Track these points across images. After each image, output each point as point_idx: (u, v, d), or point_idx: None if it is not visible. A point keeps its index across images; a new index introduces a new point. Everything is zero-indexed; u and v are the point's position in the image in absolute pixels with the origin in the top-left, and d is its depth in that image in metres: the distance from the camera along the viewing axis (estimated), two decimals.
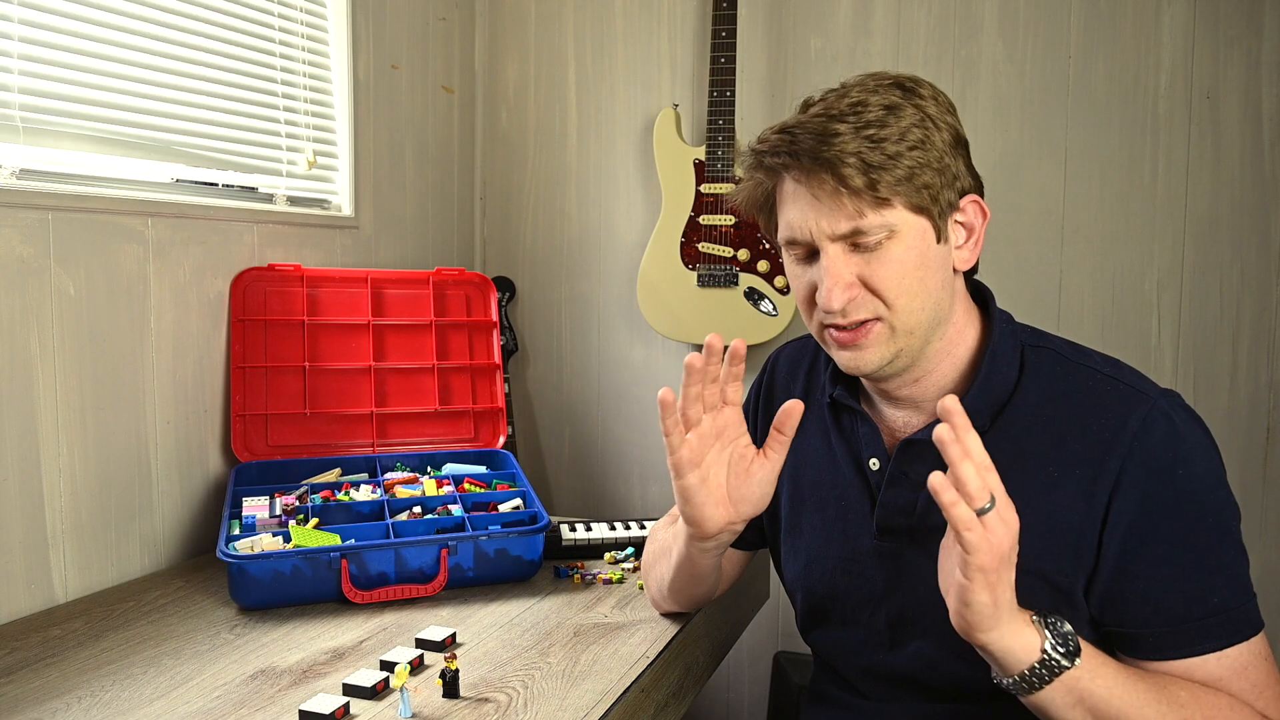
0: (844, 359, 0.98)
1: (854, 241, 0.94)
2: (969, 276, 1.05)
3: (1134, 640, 0.92)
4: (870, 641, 1.05)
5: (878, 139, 0.91)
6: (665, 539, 1.20)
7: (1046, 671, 0.84)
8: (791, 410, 0.96)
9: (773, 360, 1.22)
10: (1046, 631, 0.85)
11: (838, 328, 0.97)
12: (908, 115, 0.93)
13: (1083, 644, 0.86)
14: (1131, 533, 0.91)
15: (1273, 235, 1.80)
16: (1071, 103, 1.90)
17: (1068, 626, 0.86)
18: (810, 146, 0.92)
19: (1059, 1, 1.89)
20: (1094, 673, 0.85)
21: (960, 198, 0.97)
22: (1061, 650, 0.84)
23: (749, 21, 2.06)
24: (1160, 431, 0.92)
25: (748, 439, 1.02)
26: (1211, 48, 1.81)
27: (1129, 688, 0.86)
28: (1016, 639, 0.84)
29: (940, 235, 0.96)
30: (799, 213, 0.95)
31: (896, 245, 0.93)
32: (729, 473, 1.01)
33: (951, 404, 0.81)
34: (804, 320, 1.03)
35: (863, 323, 0.95)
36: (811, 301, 0.99)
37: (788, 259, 1.02)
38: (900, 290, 0.94)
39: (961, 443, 0.81)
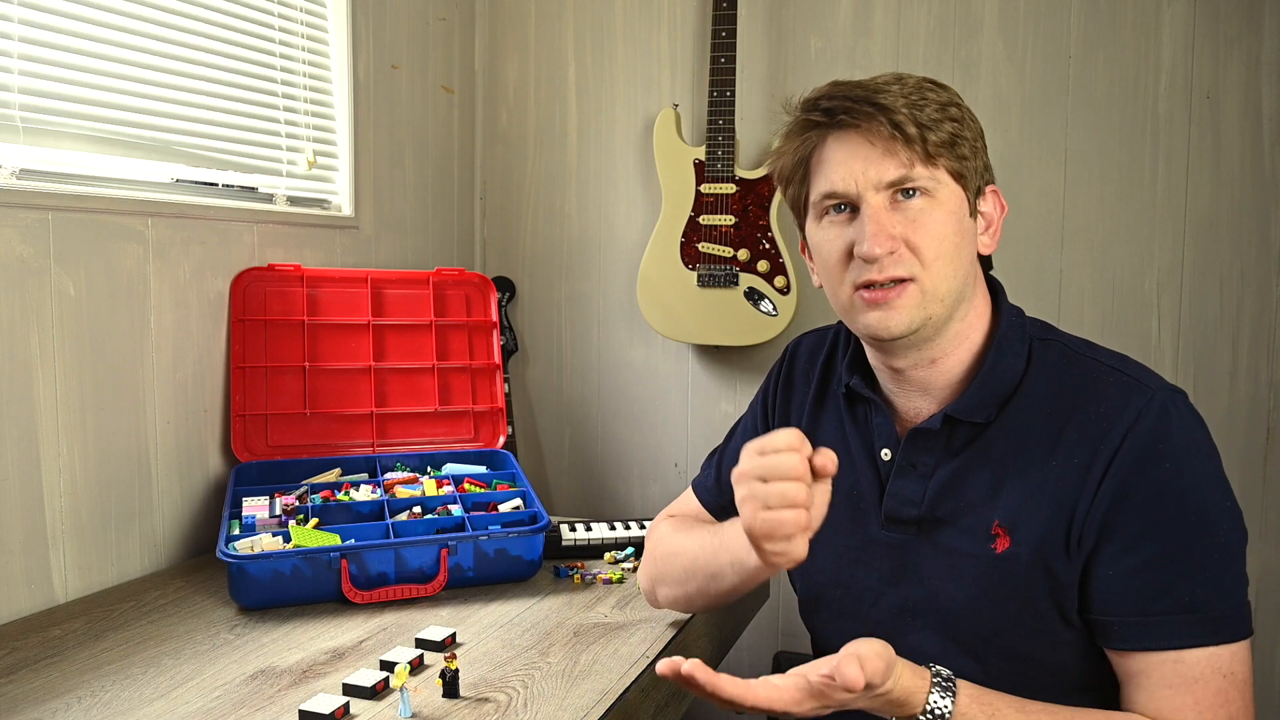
0: (873, 319, 0.96)
1: (900, 189, 0.95)
2: (985, 271, 1.06)
3: (1103, 627, 0.93)
4: (870, 633, 1.05)
5: (921, 104, 0.94)
6: (692, 551, 1.13)
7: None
8: (831, 458, 0.89)
9: (792, 348, 1.22)
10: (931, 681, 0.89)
11: (870, 287, 0.96)
12: (945, 95, 0.97)
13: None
14: (1107, 518, 0.91)
15: (1273, 235, 1.80)
16: (1071, 103, 1.90)
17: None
18: (865, 95, 0.94)
19: (1059, 1, 1.89)
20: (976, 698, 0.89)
21: (985, 185, 1.01)
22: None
23: (749, 21, 2.06)
24: (1153, 424, 0.91)
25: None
26: (1211, 48, 1.81)
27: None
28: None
29: (971, 210, 0.99)
30: (845, 164, 0.96)
31: (937, 209, 0.95)
32: None
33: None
34: (832, 289, 1.00)
35: (896, 283, 0.95)
36: (844, 262, 0.97)
37: (818, 225, 1.00)
38: (939, 252, 0.95)
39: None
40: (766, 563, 0.91)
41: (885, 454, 1.04)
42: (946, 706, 0.87)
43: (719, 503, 1.22)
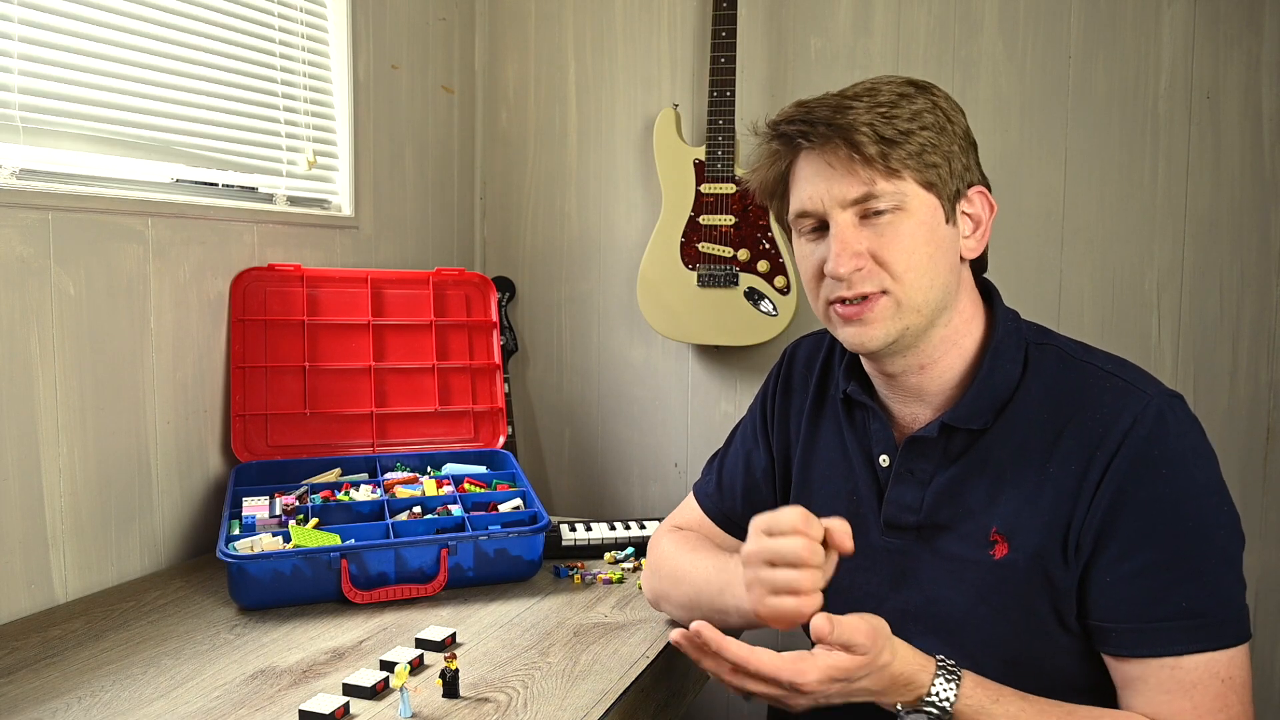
0: (849, 334, 0.97)
1: (865, 209, 0.95)
2: (977, 274, 1.05)
3: (1102, 634, 0.93)
4: None
5: (890, 115, 0.94)
6: (698, 582, 1.13)
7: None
8: (845, 534, 0.91)
9: (790, 352, 1.22)
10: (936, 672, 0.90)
11: (843, 302, 0.96)
12: (920, 102, 0.96)
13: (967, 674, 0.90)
14: (1105, 524, 0.91)
15: (1273, 235, 1.80)
16: (1071, 103, 1.90)
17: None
18: (825, 115, 0.94)
19: (1059, 1, 1.89)
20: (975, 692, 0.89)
21: (968, 188, 0.99)
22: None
23: (749, 21, 2.06)
24: (1149, 430, 0.91)
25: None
26: (1211, 48, 1.81)
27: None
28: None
29: (949, 217, 0.97)
30: (811, 183, 0.96)
31: (907, 220, 0.94)
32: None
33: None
34: (812, 303, 1.02)
35: (868, 296, 0.95)
36: (819, 278, 0.98)
37: (797, 240, 1.01)
38: (909, 264, 0.94)
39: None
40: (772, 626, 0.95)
41: (883, 460, 1.04)
42: (950, 690, 0.87)
43: (720, 509, 1.22)
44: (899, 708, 0.89)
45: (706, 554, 1.14)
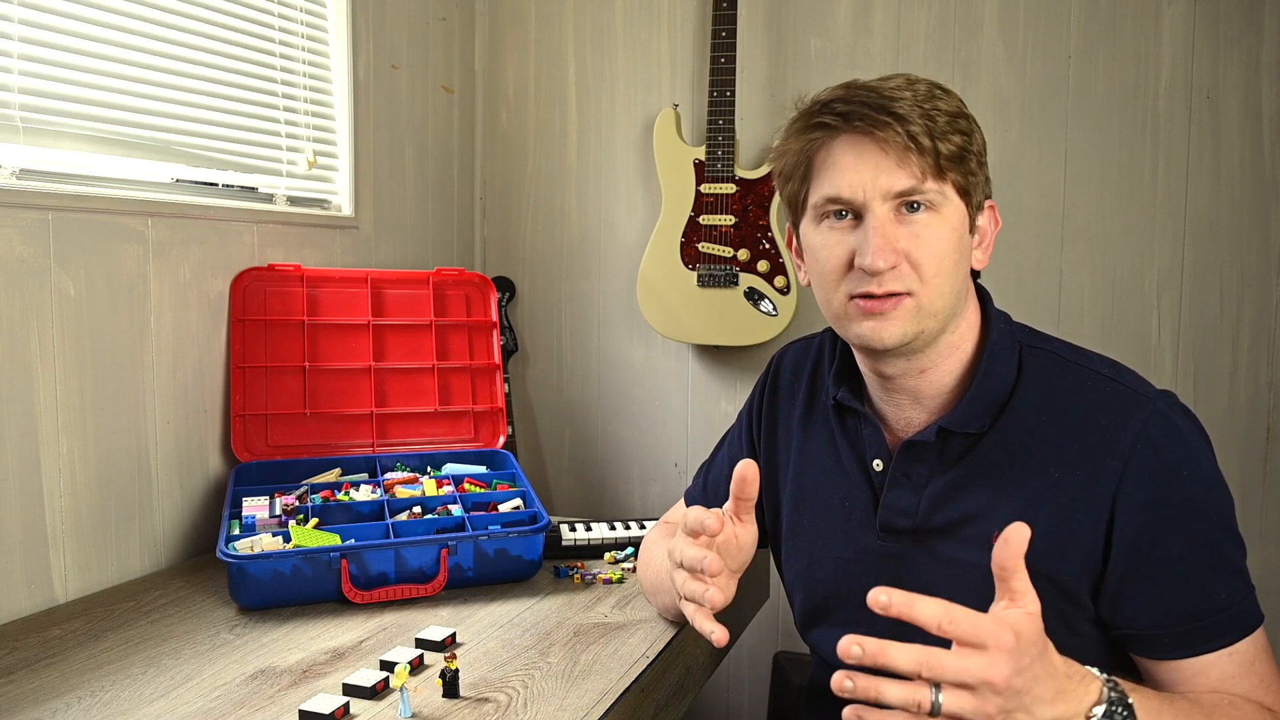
0: (866, 329, 0.96)
1: (904, 202, 0.93)
2: (974, 279, 1.06)
3: (1149, 641, 0.93)
4: None
5: (933, 113, 0.93)
6: (656, 566, 1.19)
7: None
8: (747, 474, 0.96)
9: (777, 360, 1.22)
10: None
11: (867, 296, 0.95)
12: (953, 104, 0.96)
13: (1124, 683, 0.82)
14: (1142, 535, 0.91)
15: (1273, 235, 1.80)
16: (1071, 103, 1.90)
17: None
18: (881, 103, 0.92)
19: (1059, 1, 1.89)
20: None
21: (985, 199, 1.00)
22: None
23: (749, 21, 2.06)
24: (1162, 434, 0.92)
25: (721, 516, 1.00)
26: (1211, 48, 1.81)
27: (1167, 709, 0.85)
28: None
29: (971, 226, 0.98)
30: (854, 170, 0.94)
31: (940, 224, 0.94)
32: (724, 558, 1.01)
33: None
34: (825, 296, 0.99)
35: (892, 295, 0.94)
36: (843, 271, 0.96)
37: (815, 227, 0.98)
38: (938, 269, 0.94)
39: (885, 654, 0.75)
40: None
41: (877, 465, 1.04)
42: (1124, 697, 0.81)
43: None
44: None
45: (668, 541, 1.17)
